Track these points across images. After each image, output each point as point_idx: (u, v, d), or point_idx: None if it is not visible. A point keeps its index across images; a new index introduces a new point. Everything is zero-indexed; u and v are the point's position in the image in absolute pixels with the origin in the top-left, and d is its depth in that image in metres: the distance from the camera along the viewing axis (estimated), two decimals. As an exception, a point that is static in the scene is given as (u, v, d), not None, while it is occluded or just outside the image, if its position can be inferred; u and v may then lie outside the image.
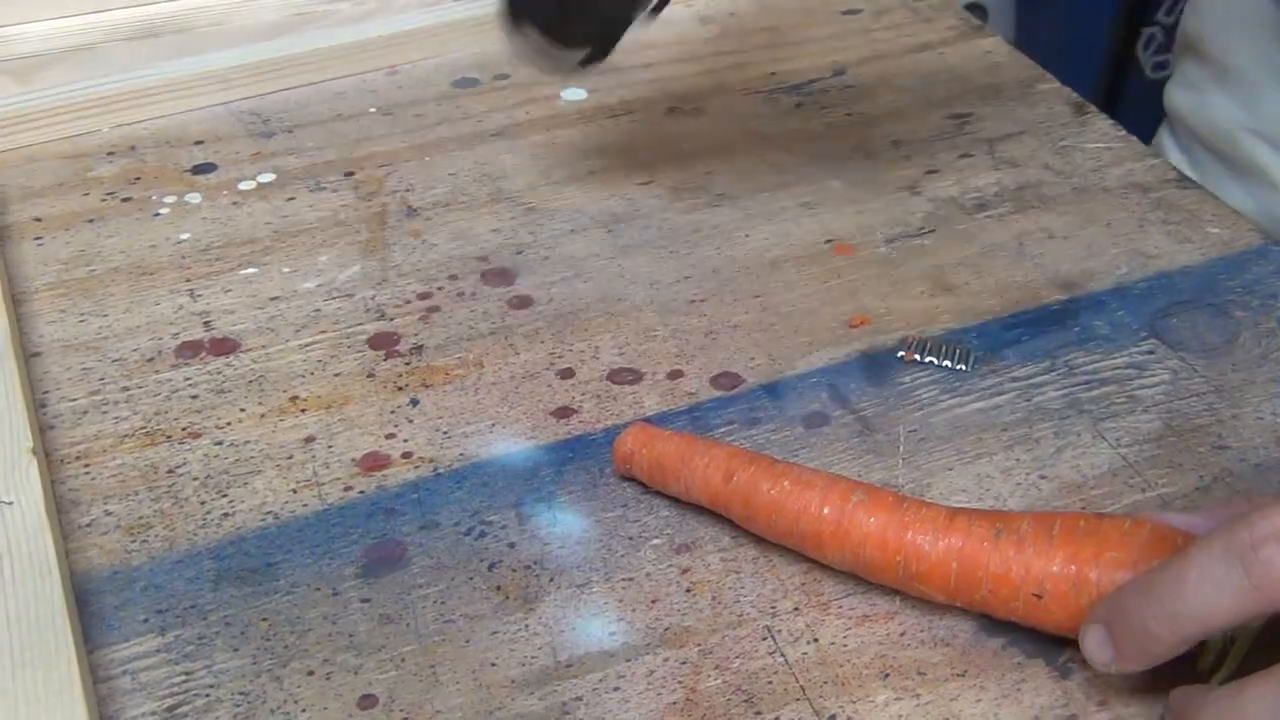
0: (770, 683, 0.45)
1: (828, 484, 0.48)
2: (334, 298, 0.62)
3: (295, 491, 0.53)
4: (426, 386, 0.57)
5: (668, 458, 0.50)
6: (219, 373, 0.58)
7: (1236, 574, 0.38)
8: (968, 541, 0.45)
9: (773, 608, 0.48)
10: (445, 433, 0.55)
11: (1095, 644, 0.42)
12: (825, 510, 0.47)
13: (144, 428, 0.56)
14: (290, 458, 0.54)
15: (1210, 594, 0.39)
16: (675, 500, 0.51)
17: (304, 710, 0.45)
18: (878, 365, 0.58)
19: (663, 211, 0.67)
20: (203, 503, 0.52)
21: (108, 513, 0.52)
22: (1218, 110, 0.81)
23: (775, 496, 0.48)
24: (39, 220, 0.68)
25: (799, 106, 0.76)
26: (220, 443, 0.55)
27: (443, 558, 0.50)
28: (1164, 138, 0.87)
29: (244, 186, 0.70)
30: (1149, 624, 0.40)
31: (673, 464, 0.50)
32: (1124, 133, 0.72)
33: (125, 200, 0.69)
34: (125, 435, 0.55)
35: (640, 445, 0.52)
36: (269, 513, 0.52)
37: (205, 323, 0.61)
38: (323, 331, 0.60)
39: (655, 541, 0.50)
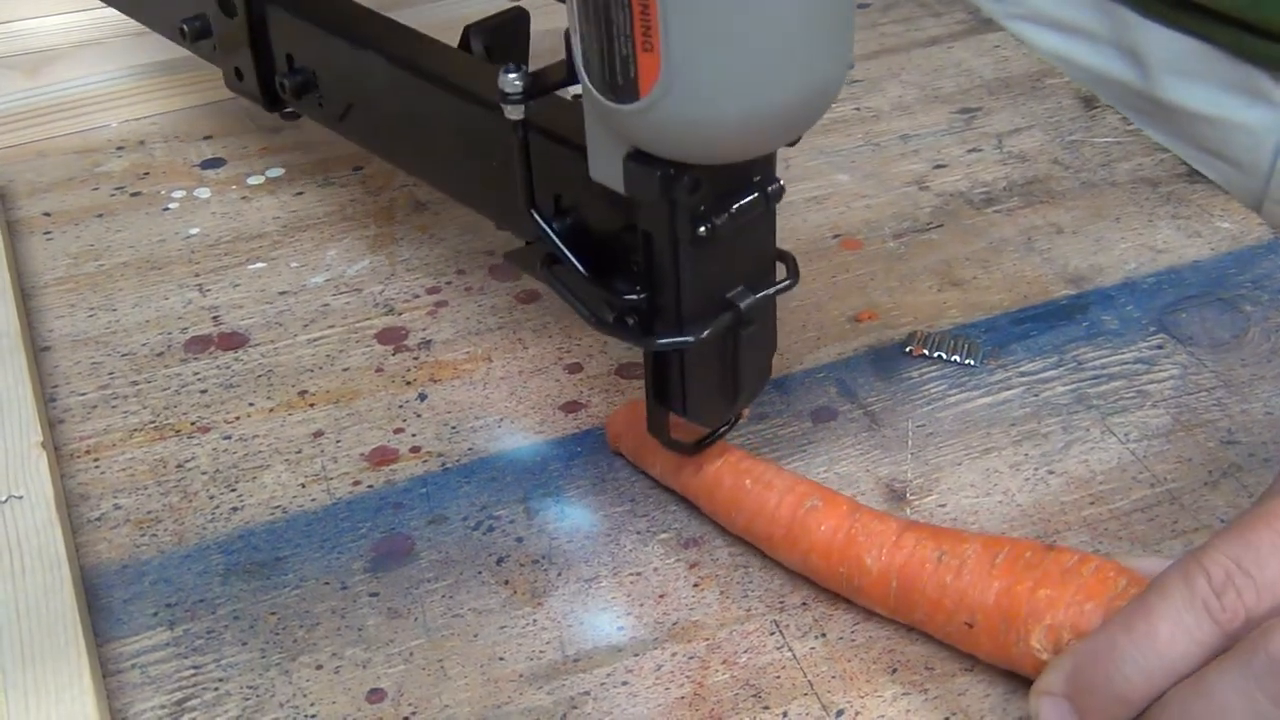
0: (778, 677, 0.45)
1: (787, 487, 0.48)
2: (342, 292, 0.62)
3: (304, 486, 0.53)
4: (435, 381, 0.57)
5: (650, 440, 0.50)
6: (228, 367, 0.58)
7: (1206, 622, 0.38)
8: (909, 562, 0.45)
9: (780, 602, 0.48)
10: (453, 427, 0.55)
11: (1055, 717, 0.41)
12: (778, 513, 0.47)
13: (153, 422, 0.56)
14: (299, 452, 0.54)
15: (1183, 644, 0.39)
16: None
17: (312, 704, 0.45)
18: (885, 360, 0.58)
19: (671, 206, 0.67)
20: (211, 497, 0.52)
21: (117, 507, 0.52)
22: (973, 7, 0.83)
23: (735, 494, 0.48)
24: (48, 215, 0.68)
25: (807, 101, 0.75)
26: (229, 437, 0.55)
27: (451, 552, 0.50)
28: None
29: (252, 181, 0.70)
30: (1121, 686, 0.39)
31: (653, 446, 0.50)
32: (1133, 127, 0.72)
33: (134, 195, 0.69)
34: (134, 429, 0.55)
35: (628, 425, 0.52)
36: (277, 507, 0.52)
37: (214, 317, 0.61)
38: (331, 326, 0.60)
39: (663, 536, 0.50)
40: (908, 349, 0.58)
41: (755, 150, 0.42)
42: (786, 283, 0.47)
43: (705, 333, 0.45)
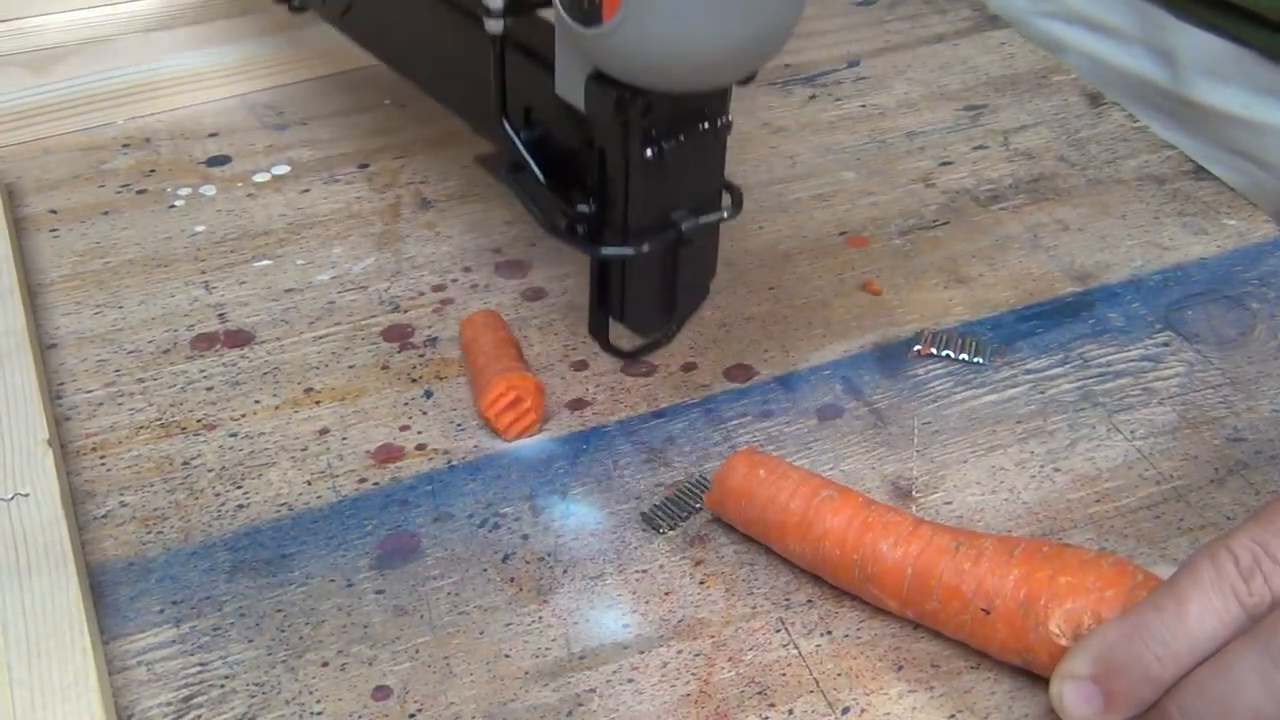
0: (784, 675, 0.45)
1: (802, 479, 0.48)
2: (348, 290, 0.62)
3: (310, 483, 0.53)
4: (440, 378, 0.57)
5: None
6: (234, 365, 0.58)
7: (1234, 606, 0.39)
8: (926, 550, 0.45)
9: (786, 600, 0.48)
10: (459, 425, 0.55)
11: (1080, 699, 0.41)
12: (792, 503, 0.47)
13: (159, 419, 0.56)
14: (305, 449, 0.54)
15: (1211, 626, 0.39)
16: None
17: (318, 701, 0.45)
18: (891, 358, 0.58)
19: (676, 203, 0.67)
20: (217, 494, 0.52)
21: (123, 504, 0.52)
22: (1006, 5, 0.84)
23: (748, 484, 0.48)
24: (54, 213, 0.68)
25: (813, 98, 0.75)
26: (235, 434, 0.55)
27: (457, 549, 0.50)
28: None
29: (258, 179, 0.70)
30: (1151, 666, 0.40)
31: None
32: (1140, 124, 0.72)
33: (140, 192, 0.69)
34: (141, 427, 0.55)
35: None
36: (283, 504, 0.52)
37: (220, 315, 0.61)
38: (337, 324, 0.60)
39: (668, 533, 0.50)
40: (914, 347, 0.58)
41: (707, 83, 0.46)
42: (725, 214, 0.51)
43: (646, 247, 0.49)
